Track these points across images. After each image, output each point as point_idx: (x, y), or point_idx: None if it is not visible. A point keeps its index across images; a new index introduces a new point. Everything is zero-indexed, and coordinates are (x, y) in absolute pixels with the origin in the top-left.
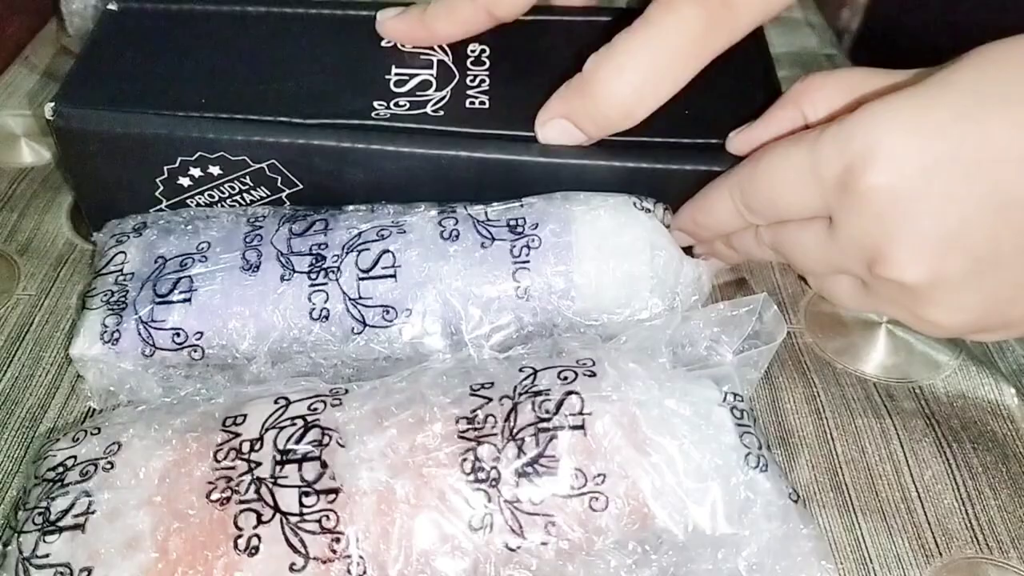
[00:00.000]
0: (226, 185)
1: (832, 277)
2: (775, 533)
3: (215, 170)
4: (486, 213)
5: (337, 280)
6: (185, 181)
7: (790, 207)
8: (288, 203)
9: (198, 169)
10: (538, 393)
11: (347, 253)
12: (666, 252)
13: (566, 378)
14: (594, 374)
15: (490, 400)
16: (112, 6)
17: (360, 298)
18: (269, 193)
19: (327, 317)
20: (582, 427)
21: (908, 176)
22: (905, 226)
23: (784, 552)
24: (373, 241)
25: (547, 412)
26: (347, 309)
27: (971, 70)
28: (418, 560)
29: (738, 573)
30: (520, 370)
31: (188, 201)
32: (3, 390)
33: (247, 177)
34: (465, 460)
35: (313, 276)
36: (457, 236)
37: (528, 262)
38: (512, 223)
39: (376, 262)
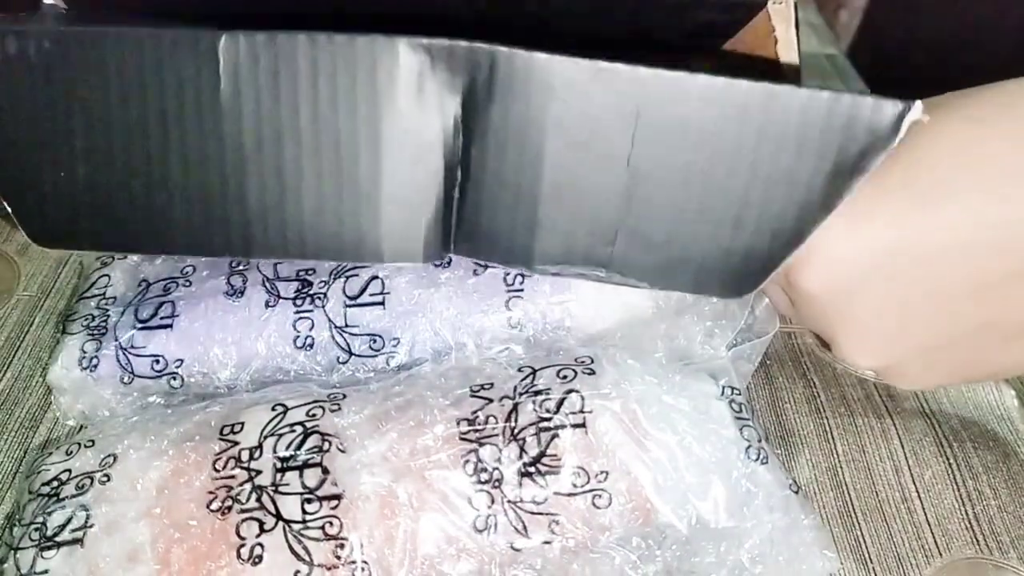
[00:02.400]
0: None
1: (773, 289)
2: (777, 524)
3: None
4: None
5: (323, 307)
6: None
7: None
8: None
9: None
10: (538, 392)
11: (335, 279)
12: None
13: (565, 376)
14: (593, 372)
15: (490, 401)
16: None
17: (347, 326)
18: None
19: (312, 345)
20: (583, 425)
21: (844, 280)
22: (847, 325)
23: (786, 543)
24: (362, 267)
25: (548, 411)
26: (333, 337)
27: (902, 166)
28: (423, 563)
29: (741, 565)
30: (519, 370)
31: None
32: (3, 390)
33: None
34: (467, 461)
35: (299, 303)
36: (449, 262)
37: (522, 290)
38: None
39: (364, 288)
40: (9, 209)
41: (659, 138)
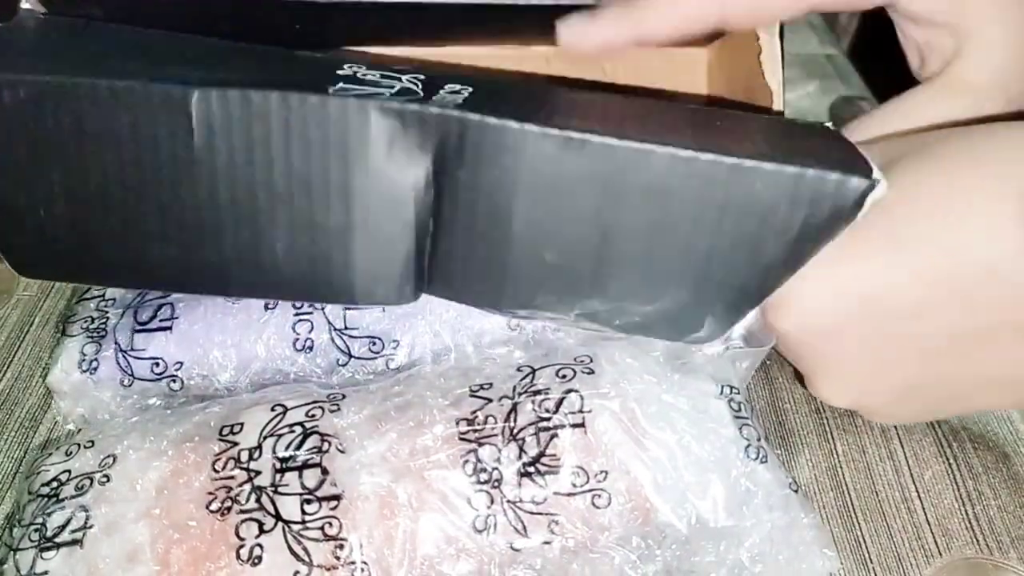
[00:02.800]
0: None
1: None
2: (776, 523)
3: None
4: None
5: (322, 309)
6: None
7: None
8: None
9: None
10: (537, 392)
11: None
12: None
13: (564, 376)
14: (592, 371)
15: (490, 401)
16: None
17: (346, 328)
18: None
19: (311, 348)
20: (582, 425)
21: (818, 326)
22: (822, 366)
23: (786, 541)
24: None
25: (547, 411)
26: (332, 339)
27: (882, 210)
28: (422, 564)
29: (741, 564)
30: (518, 370)
31: None
32: (3, 390)
33: None
34: (467, 462)
35: (298, 305)
36: None
37: None
38: None
39: None
40: None
41: (627, 200)
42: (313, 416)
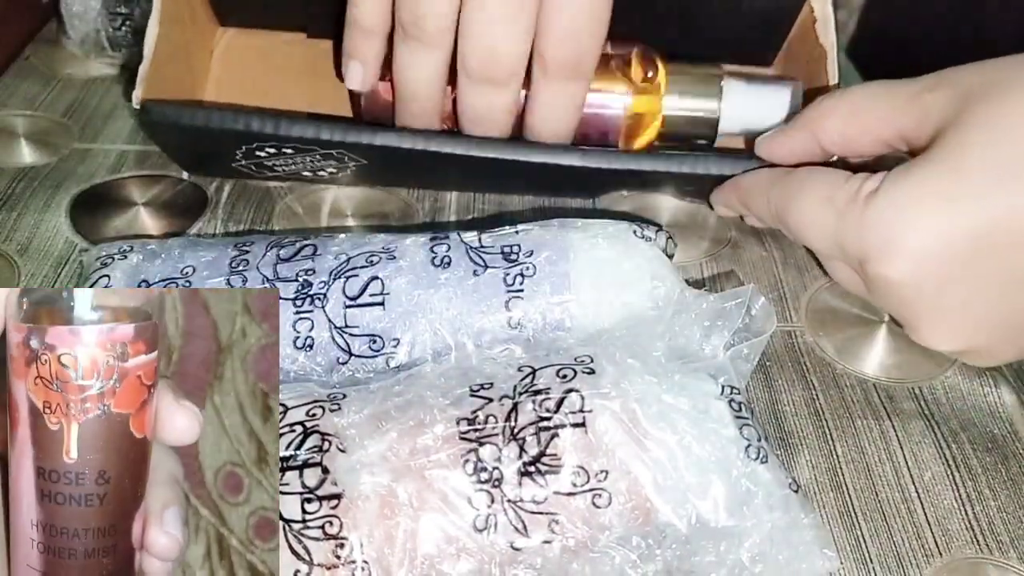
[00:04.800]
0: (298, 158)
1: (841, 268)
2: (777, 523)
3: (288, 150)
4: (479, 239)
5: (323, 307)
6: (261, 154)
7: (817, 250)
8: (355, 167)
9: (272, 148)
10: (538, 392)
11: (334, 279)
12: (667, 283)
13: (565, 376)
14: (593, 371)
15: (490, 400)
16: None
17: (346, 326)
18: (337, 164)
19: (311, 346)
20: (583, 424)
21: (928, 269)
22: (930, 313)
23: (786, 542)
24: (362, 267)
25: (548, 411)
26: (333, 338)
27: (985, 141)
28: (423, 563)
29: (741, 564)
30: (519, 369)
31: (265, 162)
32: None
33: (317, 155)
34: (467, 461)
35: (298, 303)
36: (449, 263)
37: (522, 291)
38: (506, 250)
39: (364, 289)
40: None
41: None
42: (313, 415)
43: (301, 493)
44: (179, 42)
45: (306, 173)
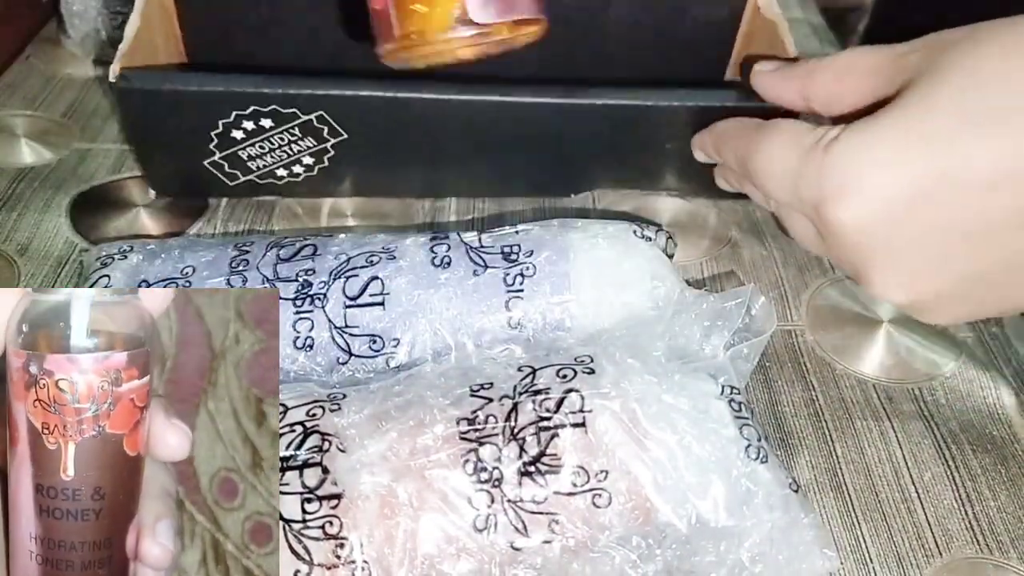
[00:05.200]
0: (275, 136)
1: (798, 219)
2: (777, 523)
3: (266, 123)
4: (480, 239)
5: (323, 307)
6: (238, 134)
7: (777, 200)
8: (333, 152)
9: (251, 122)
10: (538, 392)
11: (334, 279)
12: (667, 283)
13: (565, 376)
14: (593, 371)
15: (490, 400)
16: None
17: (347, 326)
18: (315, 143)
19: (311, 346)
20: (583, 424)
21: (882, 211)
22: (882, 258)
23: (786, 541)
24: (362, 267)
25: (548, 411)
26: (333, 338)
27: (951, 89)
28: (423, 563)
29: (741, 564)
30: (519, 369)
31: (239, 152)
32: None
33: (296, 128)
34: (467, 461)
35: (299, 303)
36: (449, 263)
37: (522, 291)
38: (506, 250)
39: (364, 289)
40: None
41: None
42: (314, 415)
43: (301, 493)
44: (158, 32)
45: (281, 171)
